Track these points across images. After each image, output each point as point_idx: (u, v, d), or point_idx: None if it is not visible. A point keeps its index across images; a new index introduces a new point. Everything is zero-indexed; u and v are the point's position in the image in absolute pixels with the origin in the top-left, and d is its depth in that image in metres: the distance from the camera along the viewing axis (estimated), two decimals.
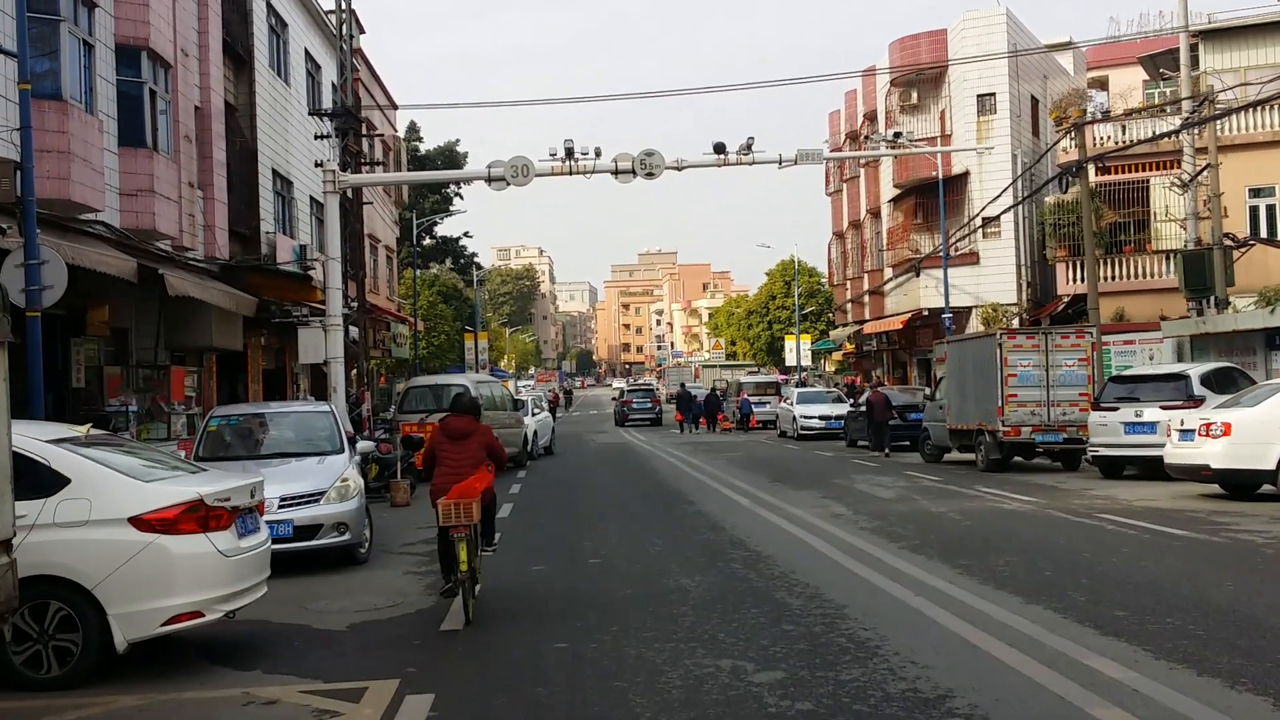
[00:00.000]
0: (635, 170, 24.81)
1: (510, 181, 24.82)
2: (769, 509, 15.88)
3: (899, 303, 42.04)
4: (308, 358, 25.11)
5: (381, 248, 44.60)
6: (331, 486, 11.75)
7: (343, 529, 11.61)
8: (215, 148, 23.76)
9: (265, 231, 28.10)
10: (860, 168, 47.79)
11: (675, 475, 22.69)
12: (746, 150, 24.94)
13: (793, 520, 14.49)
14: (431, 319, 65.64)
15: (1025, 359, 20.86)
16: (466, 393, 11.04)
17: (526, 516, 16.21)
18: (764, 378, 51.96)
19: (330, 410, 13.36)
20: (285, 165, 30.14)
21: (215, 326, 23.71)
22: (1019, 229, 38.57)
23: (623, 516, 15.66)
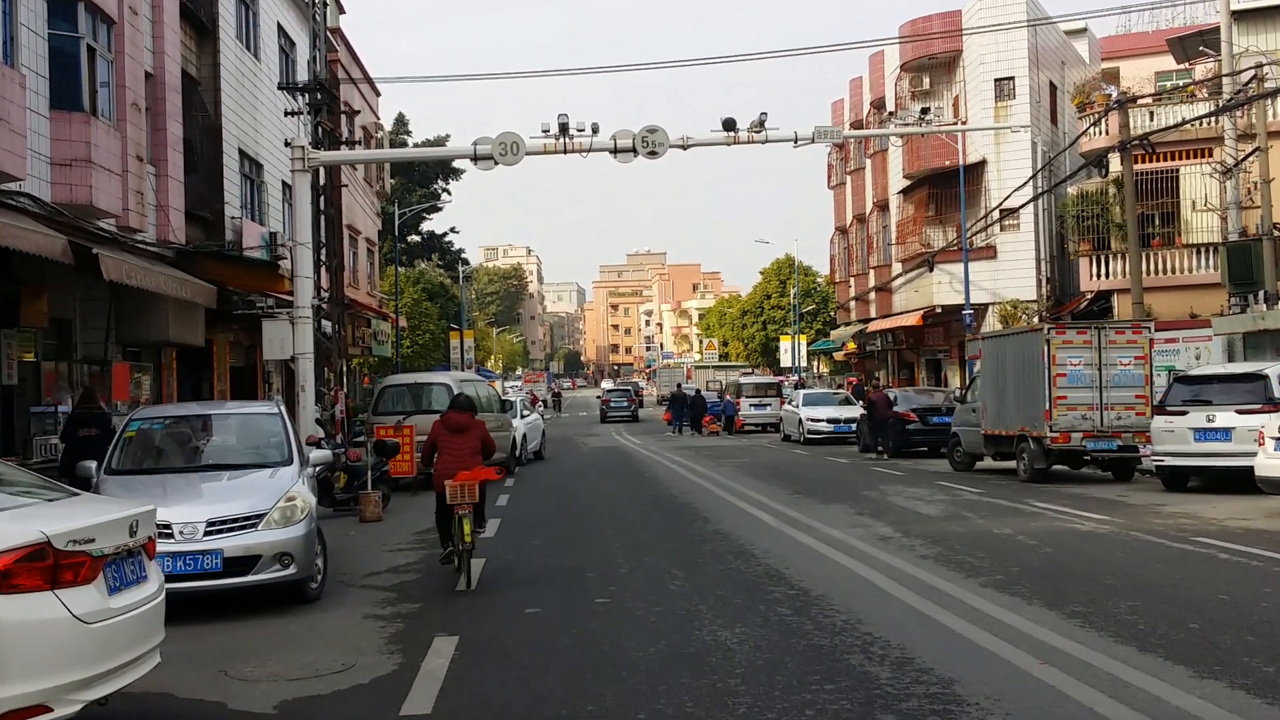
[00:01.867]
0: (636, 149, 22.50)
1: (498, 160, 22.50)
2: (799, 529, 13.58)
3: (909, 300, 39.80)
4: (273, 353, 22.77)
5: (362, 240, 42.19)
6: (274, 507, 9.41)
7: (287, 561, 9.27)
8: (170, 120, 21.36)
9: (230, 217, 25.71)
10: (867, 158, 45.54)
11: (681, 485, 20.37)
12: (759, 128, 22.64)
13: (833, 544, 12.19)
14: (416, 317, 63.29)
15: (1076, 357, 18.62)
16: (463, 394, 12.43)
17: (516, 536, 13.88)
18: (763, 379, 49.64)
19: (278, 412, 10.99)
20: (254, 146, 27.74)
21: (173, 319, 21.45)
22: (1038, 222, 36.37)
23: (629, 537, 13.33)
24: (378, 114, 45.77)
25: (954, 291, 36.44)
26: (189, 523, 9.03)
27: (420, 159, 23.64)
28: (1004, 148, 36.35)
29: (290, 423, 11.15)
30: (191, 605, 9.02)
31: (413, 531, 14.61)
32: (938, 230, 38.62)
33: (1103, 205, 33.79)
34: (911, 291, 39.40)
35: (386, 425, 20.24)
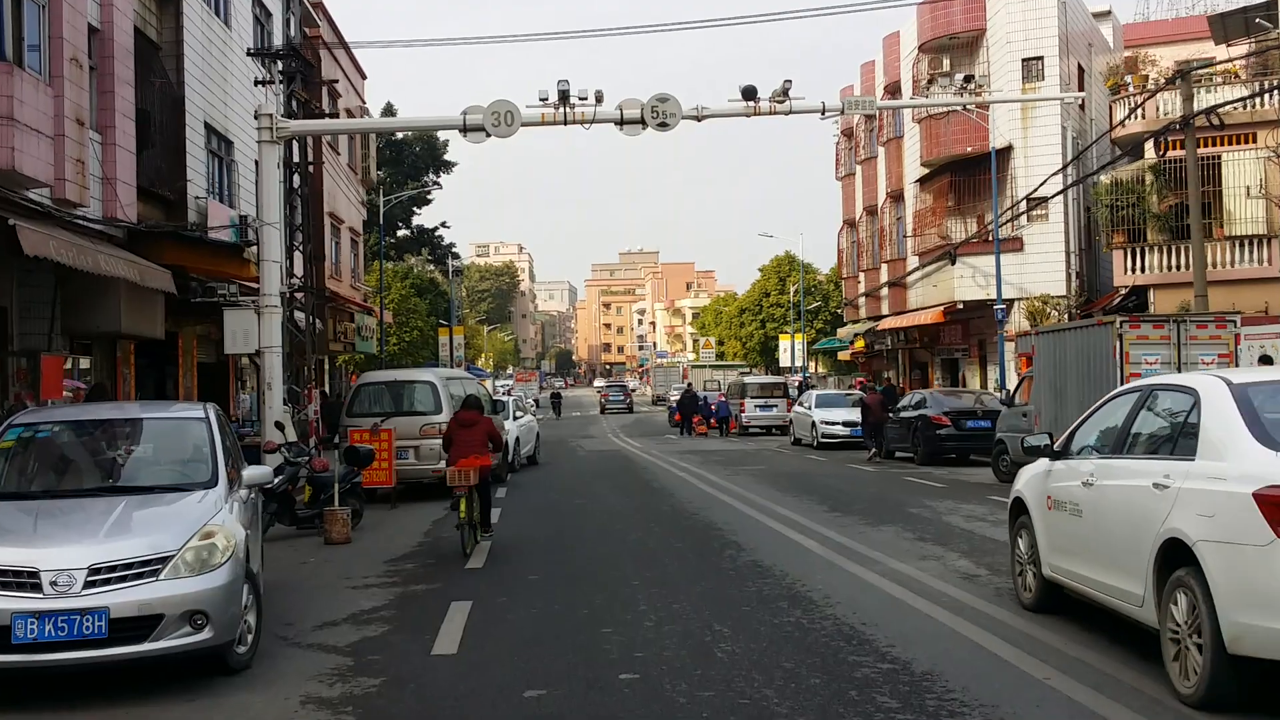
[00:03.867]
0: (645, 120, 20.10)
1: (491, 132, 20.08)
2: (856, 560, 11.16)
3: (926, 295, 37.40)
4: (236, 346, 20.37)
5: (345, 230, 39.70)
6: (185, 546, 6.96)
7: (200, 621, 6.81)
8: (120, 82, 18.84)
9: (195, 197, 23.21)
10: (880, 146, 43.12)
11: (697, 498, 17.94)
12: (782, 97, 20.24)
13: (908, 585, 9.76)
14: (404, 313, 60.87)
15: (1152, 354, 16.24)
16: (473, 395, 14.09)
17: (512, 567, 11.44)
18: (769, 379, 47.20)
19: (205, 417, 8.49)
20: (223, 121, 25.24)
21: (126, 308, 19.09)
22: (1068, 212, 34.01)
23: (650, 572, 10.87)
24: (363, 96, 43.27)
25: (977, 286, 34.09)
26: (63, 569, 6.59)
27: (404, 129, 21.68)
28: (1031, 133, 33.99)
29: (224, 430, 8.69)
30: (63, 686, 6.61)
31: (385, 559, 12.16)
32: (958, 221, 36.25)
33: (1138, 194, 31.47)
34: (929, 286, 37.00)
35: (362, 428, 17.77)
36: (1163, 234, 31.17)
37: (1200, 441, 6.45)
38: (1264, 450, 5.94)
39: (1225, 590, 5.81)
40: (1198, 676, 6.04)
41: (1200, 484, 6.22)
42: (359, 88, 42.62)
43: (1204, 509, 6.11)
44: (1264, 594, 5.59)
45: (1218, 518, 5.98)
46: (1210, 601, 5.89)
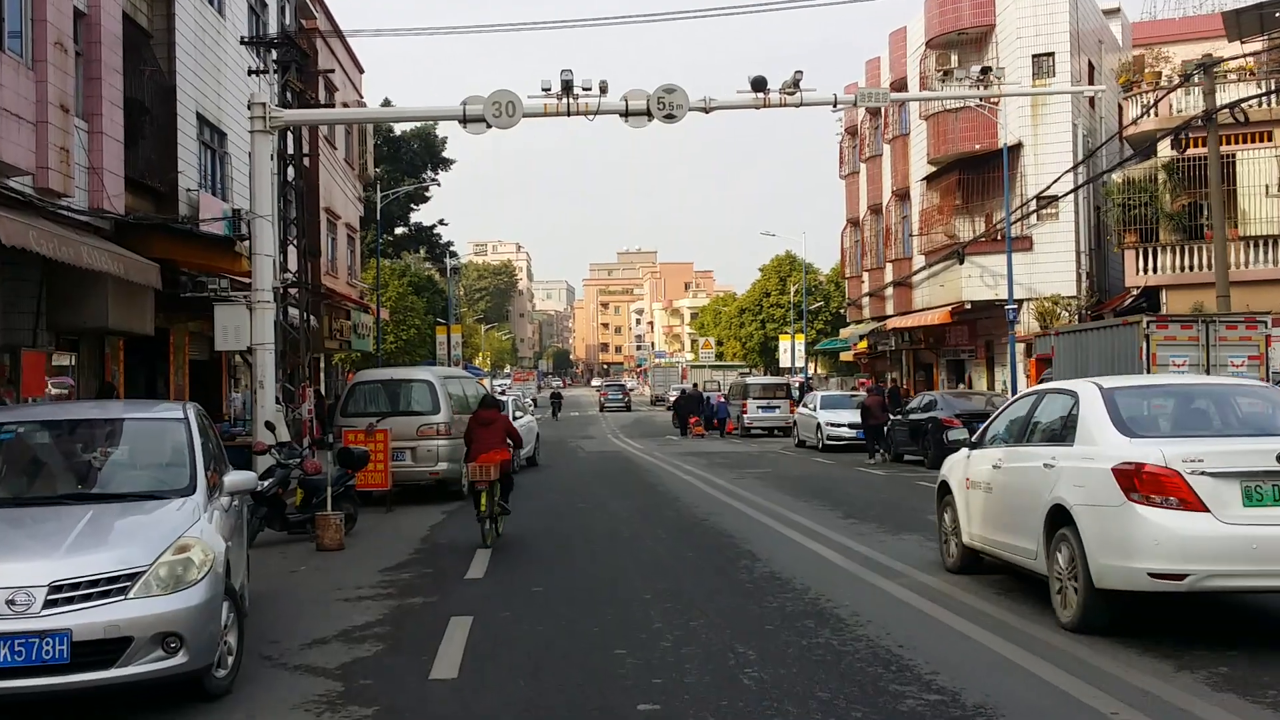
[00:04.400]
0: (651, 111, 19.43)
1: (491, 122, 19.40)
2: (881, 573, 10.50)
3: (932, 295, 36.74)
4: (226, 343, 19.69)
5: (342, 226, 39.01)
6: (158, 561, 6.30)
7: (174, 644, 6.15)
8: (108, 69, 18.15)
9: (186, 189, 22.54)
10: (885, 143, 42.48)
11: (705, 503, 17.29)
12: (793, 88, 19.58)
13: (943, 602, 9.10)
14: (401, 311, 60.15)
15: (1179, 355, 15.66)
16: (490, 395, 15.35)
17: (515, 579, 10.78)
18: (771, 379, 46.54)
19: (184, 417, 7.81)
20: (216, 112, 24.56)
21: (114, 303, 18.46)
22: (1078, 211, 33.37)
23: (662, 584, 10.20)
24: (360, 91, 42.59)
25: (985, 286, 33.46)
26: (21, 587, 5.93)
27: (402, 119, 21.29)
28: (1041, 130, 33.36)
29: (205, 432, 8.02)
30: (19, 717, 5.95)
31: (380, 568, 11.49)
32: (965, 220, 35.60)
33: (1150, 193, 30.85)
34: (936, 286, 36.36)
35: (356, 429, 17.10)
36: (1176, 234, 30.55)
37: (1078, 431, 8.39)
38: (1121, 438, 7.91)
39: (1093, 541, 7.72)
40: (1075, 607, 7.93)
41: (1076, 463, 8.16)
42: (356, 82, 41.94)
43: (1079, 481, 8.02)
44: (1118, 541, 7.53)
45: (1087, 487, 7.90)
46: (1083, 550, 7.78)
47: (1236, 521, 7.26)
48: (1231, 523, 7.26)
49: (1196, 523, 7.27)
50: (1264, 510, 7.27)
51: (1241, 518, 7.27)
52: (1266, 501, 7.30)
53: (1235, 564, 7.27)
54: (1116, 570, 7.53)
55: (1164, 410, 8.60)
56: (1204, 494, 7.32)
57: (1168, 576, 7.32)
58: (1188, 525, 7.28)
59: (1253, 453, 7.49)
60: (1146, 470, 7.45)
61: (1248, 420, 8.45)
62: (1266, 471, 7.31)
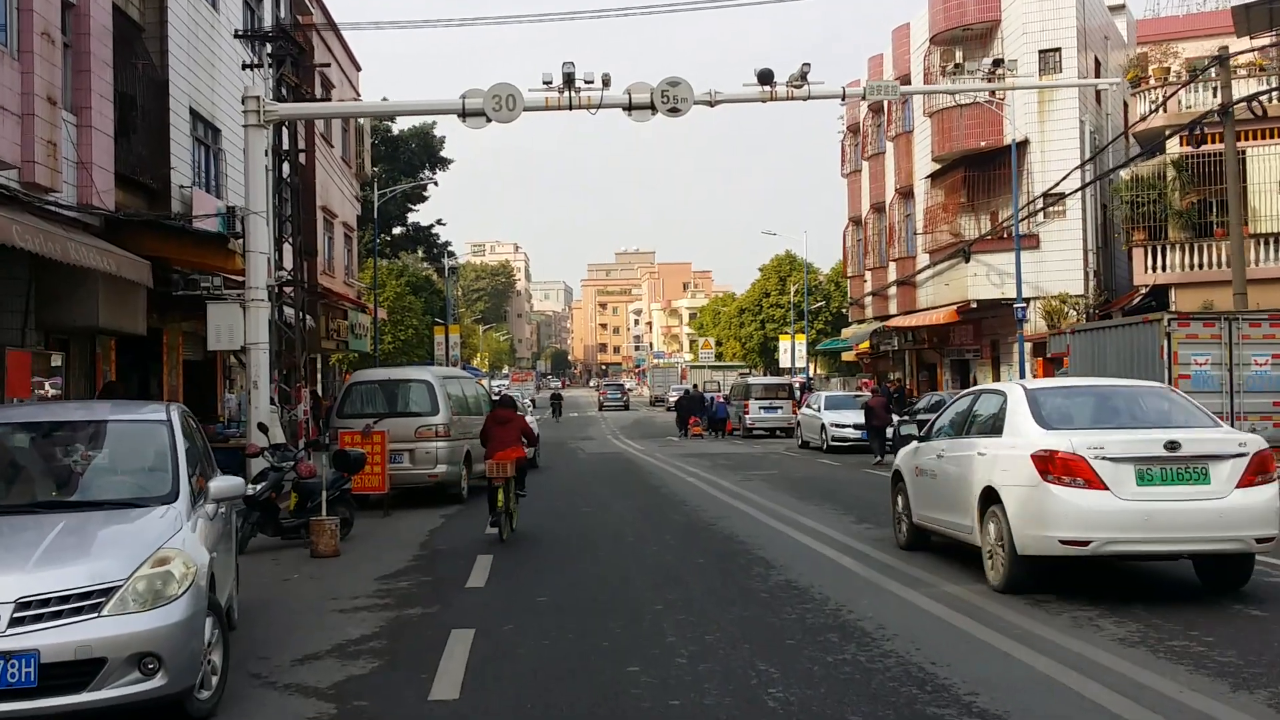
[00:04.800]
0: (655, 104, 18.96)
1: (491, 116, 18.93)
2: (903, 581, 10.02)
3: (937, 294, 36.28)
4: (220, 342, 19.23)
5: (339, 225, 38.52)
6: (135, 575, 5.82)
7: (152, 665, 5.67)
8: (97, 61, 17.69)
9: (180, 186, 22.08)
10: (888, 141, 42.03)
11: (712, 506, 16.80)
12: (800, 81, 19.12)
13: (974, 614, 8.61)
14: (399, 311, 59.67)
15: (1202, 354, 15.19)
16: (507, 395, 16.51)
17: (516, 587, 10.30)
18: (774, 380, 46.05)
19: (167, 419, 7.31)
20: (210, 108, 24.08)
21: (105, 301, 18.04)
22: (1085, 209, 32.92)
23: (674, 593, 9.71)
24: (357, 89, 42.09)
25: (991, 285, 33.02)
26: None
27: (400, 113, 20.87)
28: (1048, 127, 32.93)
29: (191, 435, 7.54)
30: None
31: (377, 575, 11.00)
32: (971, 218, 35.15)
33: (1159, 190, 30.41)
34: (941, 285, 35.89)
35: (353, 430, 16.60)
36: (1184, 231, 30.12)
37: (1005, 425, 9.83)
38: (1039, 430, 9.37)
39: (1016, 515, 9.15)
40: (1002, 571, 9.40)
41: (1004, 451, 9.60)
42: (353, 79, 41.45)
43: (1005, 467, 9.47)
44: (1035, 515, 8.99)
45: (1012, 471, 9.32)
46: (1008, 523, 9.21)
47: (1131, 498, 8.80)
48: (1127, 499, 8.80)
49: (1098, 499, 8.79)
50: (1154, 489, 8.83)
51: (1135, 495, 8.81)
52: (1155, 481, 8.86)
53: (1129, 533, 8.84)
54: (1035, 539, 9.03)
55: (1079, 407, 10.05)
56: (1104, 475, 8.81)
57: (1075, 543, 8.86)
58: (1091, 501, 8.79)
59: (1145, 441, 8.98)
60: (1058, 456, 8.96)
61: (1147, 416, 9.83)
62: (1155, 457, 8.84)
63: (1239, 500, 8.84)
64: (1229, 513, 8.82)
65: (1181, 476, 8.85)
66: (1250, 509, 8.86)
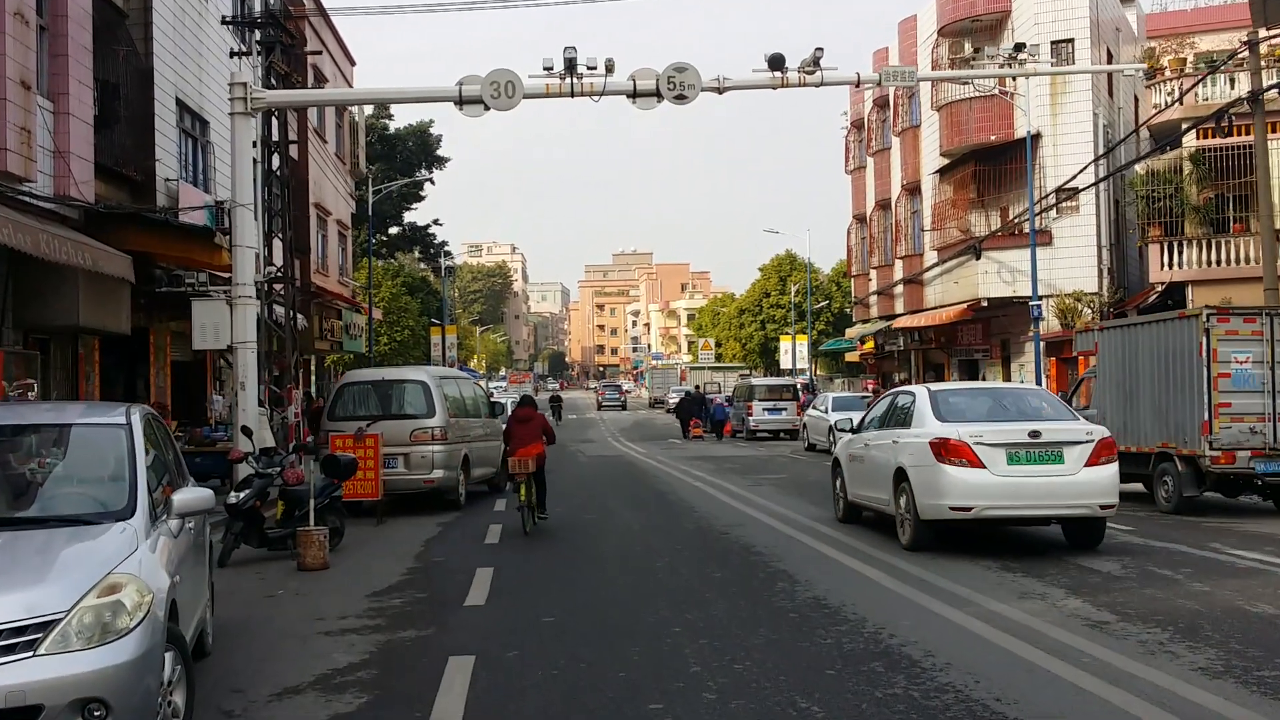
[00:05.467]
0: (661, 91, 18.15)
1: (489, 104, 18.10)
2: (944, 599, 9.16)
3: (946, 292, 35.45)
4: (205, 341, 18.38)
5: (333, 222, 37.64)
6: (79, 606, 4.95)
7: (97, 712, 4.81)
8: (76, 45, 16.88)
9: (165, 179, 21.24)
10: (894, 136, 41.18)
11: (724, 514, 15.95)
12: (812, 66, 18.30)
13: (1036, 640, 7.74)
14: (395, 312, 58.80)
15: (1242, 352, 14.36)
16: (528, 395, 17.08)
17: (520, 605, 9.45)
18: (778, 381, 45.17)
19: (125, 423, 6.44)
20: (198, 99, 23.24)
21: (85, 299, 17.23)
22: (1099, 204, 32.10)
23: (693, 613, 8.84)
24: (352, 84, 41.19)
25: (1003, 282, 32.20)
26: None
27: (393, 100, 20.10)
28: (1060, 120, 32.10)
29: (156, 441, 6.68)
30: None
31: (368, 591, 10.13)
32: (980, 214, 34.32)
33: (1176, 185, 29.59)
34: (950, 283, 35.05)
35: (344, 433, 15.73)
36: (1202, 227, 29.32)
37: (913, 419, 12.23)
38: (937, 422, 11.73)
39: (918, 489, 11.60)
40: (909, 533, 11.80)
41: (911, 440, 11.98)
42: (348, 75, 40.58)
43: (911, 452, 11.86)
44: (932, 488, 11.38)
45: (915, 455, 11.76)
46: (913, 496, 11.66)
47: (1002, 475, 11.28)
48: (1000, 475, 11.27)
49: (978, 475, 11.27)
50: (1020, 467, 11.31)
51: (1006, 472, 11.29)
52: (1021, 461, 11.33)
53: (1001, 501, 11.32)
54: (932, 507, 11.47)
55: (971, 405, 12.43)
56: (983, 457, 11.27)
57: (960, 509, 11.30)
58: (972, 477, 11.26)
59: (1013, 431, 11.48)
60: (949, 442, 11.39)
61: (1022, 411, 12.17)
62: (1021, 443, 11.35)
63: (1086, 476, 11.30)
64: (1079, 486, 11.31)
65: (1042, 458, 11.34)
66: (1096, 483, 11.33)
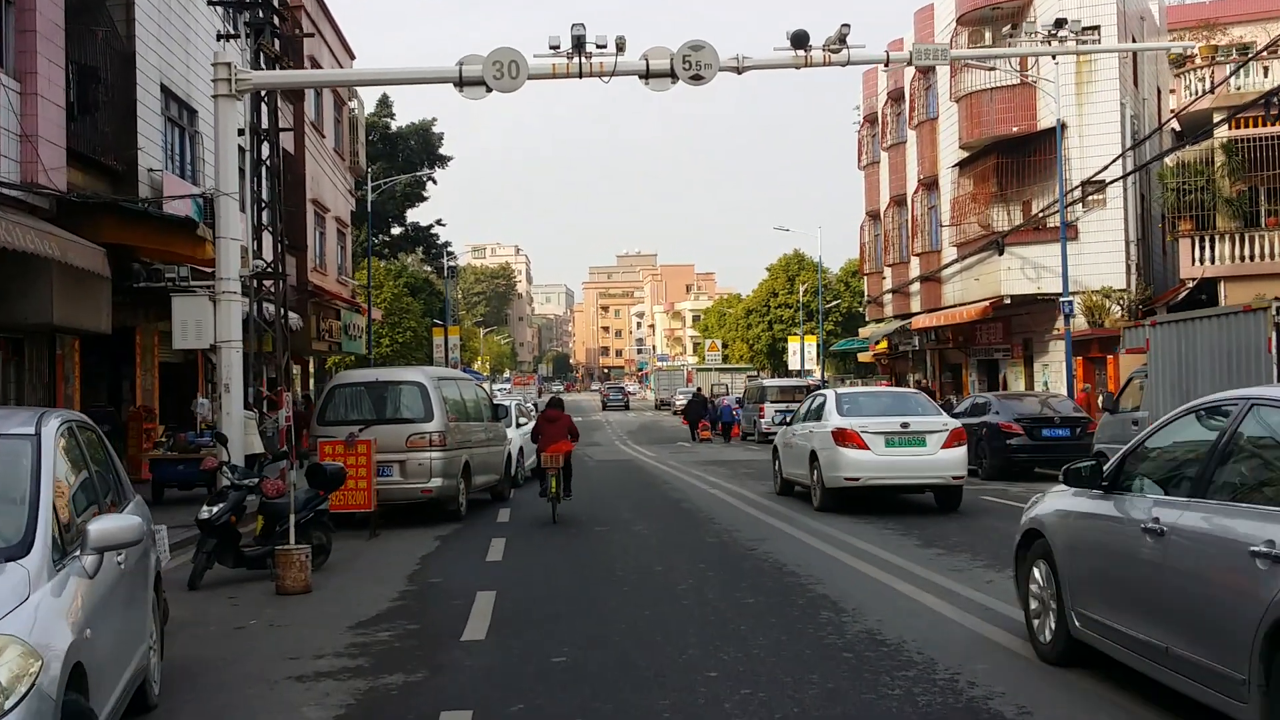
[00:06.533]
0: (676, 71, 16.92)
1: (492, 85, 16.88)
2: (1021, 634, 7.91)
3: (966, 290, 34.16)
4: (186, 340, 17.17)
5: (331, 219, 36.42)
6: None
7: None
8: (45, 20, 15.67)
9: (149, 170, 20.07)
10: (910, 129, 39.90)
11: (743, 524, 14.72)
12: (838, 45, 17.06)
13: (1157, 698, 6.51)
14: (396, 313, 57.58)
15: None
16: (557, 396, 19.81)
17: (525, 641, 8.19)
18: (792, 382, 43.84)
19: (34, 434, 5.16)
20: (184, 86, 22.05)
21: (59, 295, 16.07)
22: (1127, 198, 30.81)
23: (725, 649, 7.59)
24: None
25: (1027, 279, 30.94)
26: None
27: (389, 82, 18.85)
28: (1086, 111, 30.83)
29: (76, 459, 5.43)
30: None
31: (352, 622, 8.86)
32: (1001, 209, 33.04)
33: (1207, 177, 28.33)
34: (970, 280, 33.77)
35: (335, 439, 14.47)
36: (1234, 220, 28.05)
37: (823, 414, 16.26)
38: (839, 416, 15.77)
39: (824, 466, 15.62)
40: (820, 497, 15.88)
41: (821, 429, 15.97)
42: (347, 68, 39.31)
43: (820, 438, 15.91)
44: (833, 464, 15.47)
45: (823, 441, 15.74)
46: (820, 470, 15.71)
47: (882, 454, 15.29)
48: (880, 455, 15.28)
49: (864, 455, 15.25)
50: (895, 449, 15.31)
51: (884, 453, 15.32)
52: (896, 445, 15.33)
53: (881, 473, 15.39)
54: (833, 478, 15.49)
55: (864, 404, 16.60)
56: (868, 441, 15.23)
57: (852, 480, 15.34)
58: (861, 456, 15.25)
59: (891, 421, 15.50)
60: (846, 432, 15.34)
61: (900, 410, 16.21)
62: (895, 431, 15.33)
63: (944, 455, 15.29)
64: (937, 463, 15.27)
65: (910, 442, 15.37)
66: (950, 460, 15.34)
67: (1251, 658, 4.71)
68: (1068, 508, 6.83)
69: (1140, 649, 5.77)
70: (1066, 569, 6.65)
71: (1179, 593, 5.43)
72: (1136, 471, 6.36)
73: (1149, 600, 5.70)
